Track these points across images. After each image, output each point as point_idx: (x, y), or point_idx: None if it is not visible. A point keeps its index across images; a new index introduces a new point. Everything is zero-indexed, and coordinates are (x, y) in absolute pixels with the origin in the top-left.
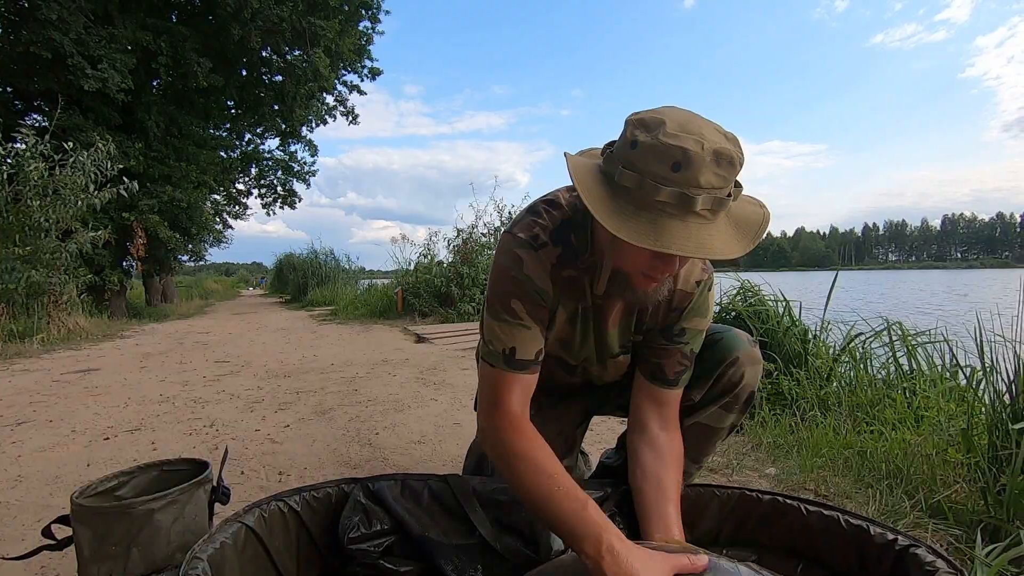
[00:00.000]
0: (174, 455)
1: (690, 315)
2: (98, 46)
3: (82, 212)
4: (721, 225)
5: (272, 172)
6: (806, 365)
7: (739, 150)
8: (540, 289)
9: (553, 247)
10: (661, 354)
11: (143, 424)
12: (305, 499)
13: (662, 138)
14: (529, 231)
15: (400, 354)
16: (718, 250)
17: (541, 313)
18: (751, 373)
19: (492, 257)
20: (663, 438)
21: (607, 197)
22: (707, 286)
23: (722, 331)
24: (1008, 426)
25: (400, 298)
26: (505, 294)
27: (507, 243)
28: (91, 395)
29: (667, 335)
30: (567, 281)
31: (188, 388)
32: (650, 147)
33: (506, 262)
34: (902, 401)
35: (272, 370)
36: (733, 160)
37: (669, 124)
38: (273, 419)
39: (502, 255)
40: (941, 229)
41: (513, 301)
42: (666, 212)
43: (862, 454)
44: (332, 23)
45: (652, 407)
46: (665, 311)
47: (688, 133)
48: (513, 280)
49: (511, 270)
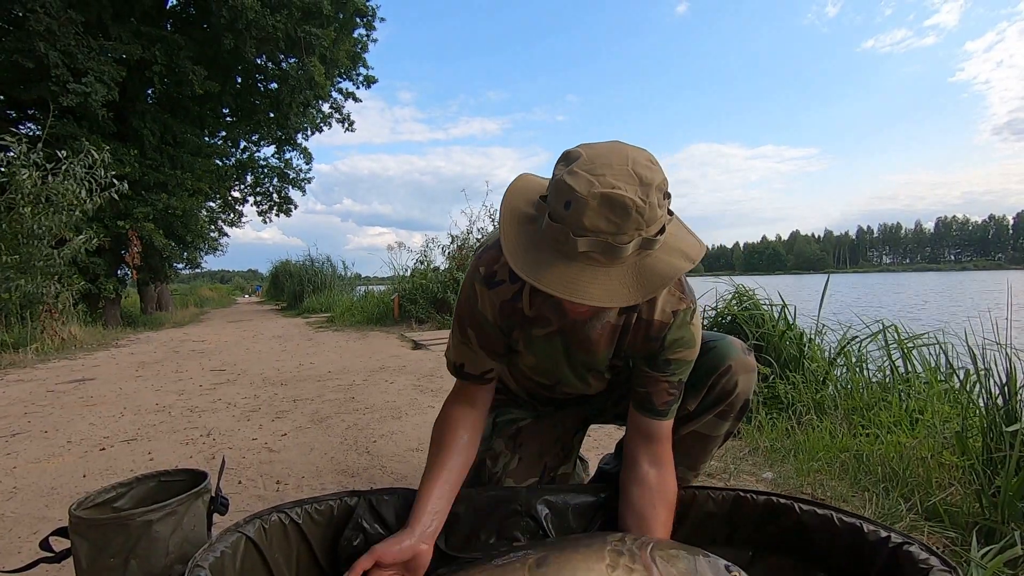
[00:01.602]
0: (171, 465)
1: (674, 346)
2: (87, 58)
3: (76, 219)
4: (616, 272)
5: (268, 179)
6: (802, 369)
7: (643, 195)
8: (490, 324)
9: (510, 283)
10: (648, 383)
11: (139, 434)
12: (307, 511)
13: (564, 176)
14: (489, 267)
15: (397, 361)
16: (592, 296)
17: (492, 343)
18: (745, 381)
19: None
20: (652, 475)
21: (527, 222)
22: (687, 315)
23: (716, 339)
24: (1002, 428)
25: (397, 305)
26: (462, 320)
27: (471, 273)
28: (86, 405)
29: (653, 364)
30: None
31: (184, 397)
32: (556, 182)
33: (468, 291)
34: (897, 404)
35: (268, 378)
36: (627, 207)
37: (582, 160)
38: (270, 428)
39: (466, 283)
40: (934, 231)
41: (468, 328)
42: (557, 249)
43: (858, 457)
44: (327, 31)
45: (642, 443)
46: (643, 339)
47: (589, 172)
48: (470, 311)
49: (469, 301)
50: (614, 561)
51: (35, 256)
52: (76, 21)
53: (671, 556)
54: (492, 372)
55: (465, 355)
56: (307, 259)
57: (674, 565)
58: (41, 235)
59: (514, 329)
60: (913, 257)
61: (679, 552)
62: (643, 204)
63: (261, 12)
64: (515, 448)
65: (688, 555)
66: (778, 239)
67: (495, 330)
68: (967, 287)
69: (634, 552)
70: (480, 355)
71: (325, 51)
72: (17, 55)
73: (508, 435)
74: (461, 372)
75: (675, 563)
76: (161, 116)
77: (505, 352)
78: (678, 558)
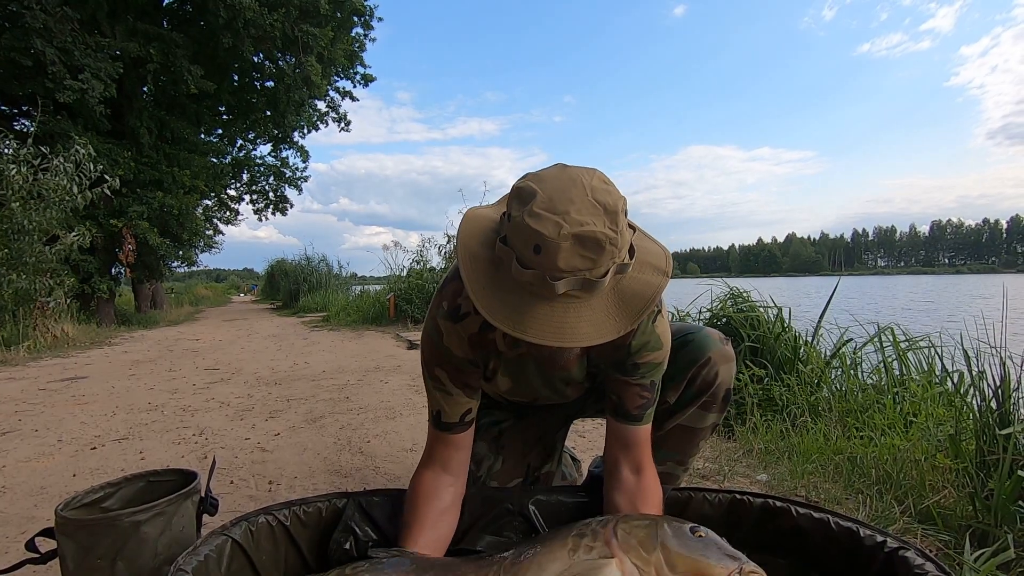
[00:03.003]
0: (162, 465)
1: (641, 351)
2: (83, 54)
3: (66, 215)
4: (598, 303)
5: (264, 178)
6: (796, 371)
7: (612, 225)
8: (459, 359)
9: (476, 315)
10: (620, 389)
11: (131, 433)
12: (295, 513)
13: (526, 218)
14: (452, 301)
15: (392, 361)
16: (583, 336)
17: (465, 377)
18: (725, 371)
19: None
20: (633, 482)
21: (489, 266)
22: (650, 320)
23: (693, 331)
24: (995, 431)
25: (392, 304)
26: (429, 361)
27: (433, 309)
28: (78, 404)
29: (621, 370)
30: (494, 341)
31: (177, 396)
32: (516, 225)
33: (430, 329)
34: (892, 406)
35: (263, 377)
36: (600, 242)
37: (539, 199)
38: (263, 427)
39: (428, 321)
40: (929, 235)
41: (436, 369)
42: (533, 292)
43: (852, 460)
44: (325, 30)
45: (621, 450)
46: (610, 348)
47: (551, 212)
48: (435, 349)
49: (433, 338)
50: (575, 544)
51: (26, 252)
52: (72, 18)
53: (632, 527)
54: (471, 414)
55: (440, 400)
56: (303, 258)
57: (634, 535)
58: (32, 231)
59: (490, 360)
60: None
61: (640, 522)
62: (615, 235)
63: (259, 11)
64: (498, 450)
65: (650, 523)
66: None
67: (466, 364)
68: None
69: (596, 531)
70: (455, 394)
71: (323, 50)
72: (14, 52)
73: (490, 437)
74: (439, 423)
75: (635, 533)
76: (157, 113)
77: (478, 386)
78: (639, 527)
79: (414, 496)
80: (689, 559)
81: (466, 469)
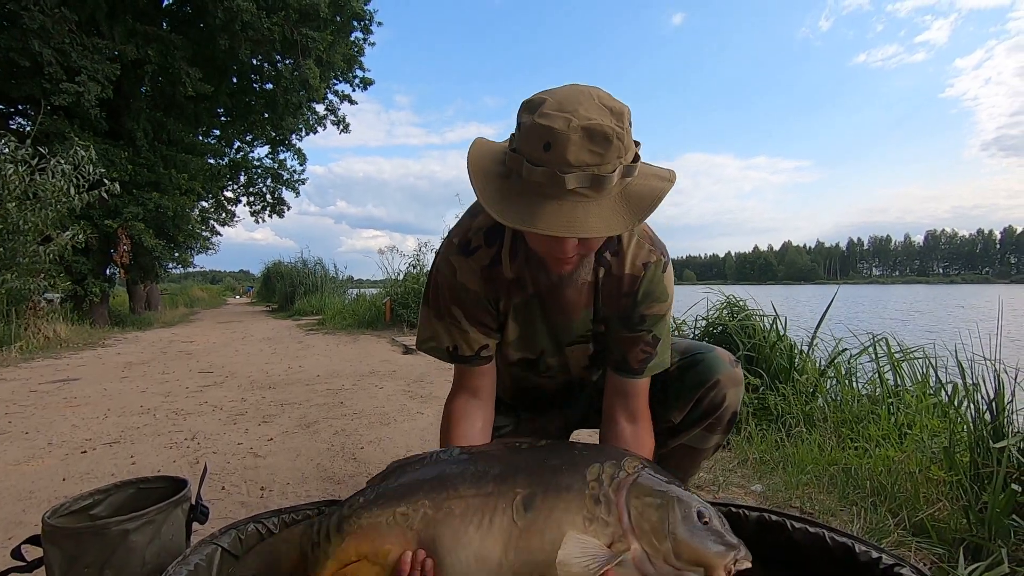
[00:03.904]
0: (153, 469)
1: (646, 300)
2: (80, 56)
3: (62, 216)
4: (606, 202)
5: (261, 180)
6: (792, 381)
7: (618, 123)
8: (474, 293)
9: (486, 248)
10: (624, 343)
11: (122, 436)
12: (284, 521)
13: (536, 119)
14: (463, 236)
15: (387, 366)
16: (592, 228)
17: (480, 316)
18: (733, 395)
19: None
20: (629, 431)
21: (498, 177)
22: (659, 268)
23: (703, 351)
24: (989, 444)
25: (388, 308)
26: (443, 299)
27: (444, 249)
28: (69, 406)
29: (627, 324)
30: (504, 278)
31: (170, 399)
32: (527, 129)
33: (443, 268)
34: (886, 417)
35: (256, 381)
36: (608, 135)
37: (548, 103)
38: (256, 432)
39: (441, 261)
40: (924, 244)
41: (452, 307)
42: (543, 193)
43: (847, 471)
44: (324, 34)
45: (619, 400)
46: (617, 295)
47: (561, 111)
48: (449, 286)
49: (447, 277)
50: (591, 512)
51: (20, 252)
52: (69, 19)
53: (645, 506)
54: (488, 349)
55: (456, 338)
56: (299, 261)
57: (647, 518)
58: (26, 231)
59: (500, 299)
60: (903, 270)
61: (652, 499)
62: (621, 131)
63: (256, 14)
64: None
65: (661, 503)
66: (770, 249)
67: (481, 300)
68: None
69: (609, 498)
70: (471, 332)
71: (321, 53)
72: (12, 52)
73: None
74: (456, 357)
75: (648, 515)
76: (155, 115)
77: (495, 326)
78: (651, 507)
79: (448, 421)
80: (694, 550)
81: (493, 395)
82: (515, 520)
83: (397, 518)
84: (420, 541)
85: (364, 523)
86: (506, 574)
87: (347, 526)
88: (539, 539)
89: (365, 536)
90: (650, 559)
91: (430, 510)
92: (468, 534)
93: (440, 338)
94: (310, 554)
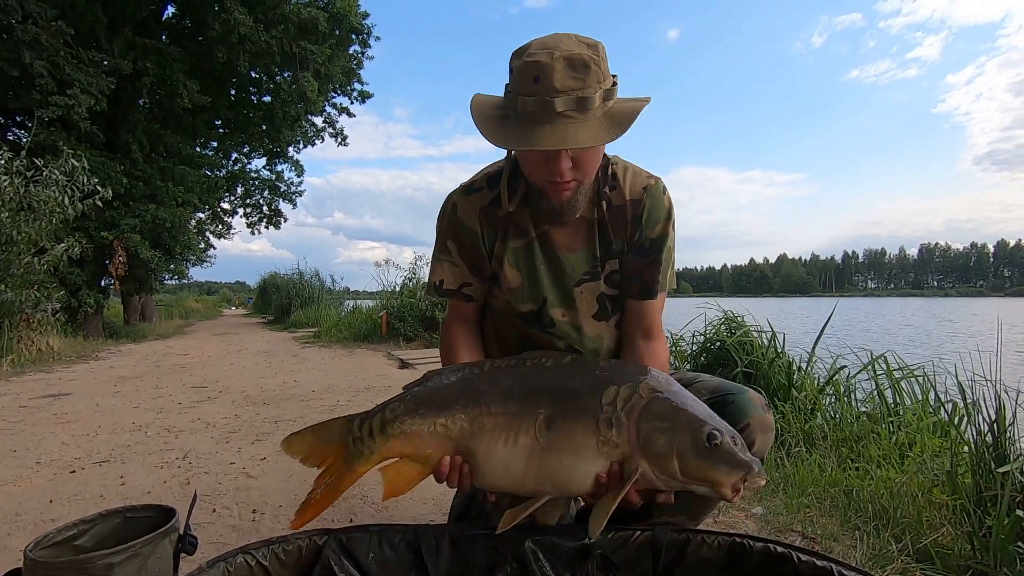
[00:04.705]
0: (143, 491)
1: (650, 223)
2: (74, 69)
3: (56, 228)
4: (592, 121)
5: (258, 192)
6: (791, 398)
7: (594, 53)
8: (471, 230)
9: (488, 190)
10: (641, 269)
11: (112, 455)
12: (274, 552)
13: (525, 59)
14: (468, 181)
15: (383, 380)
16: (581, 140)
17: (473, 256)
18: (762, 441)
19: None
20: (643, 346)
21: (497, 118)
22: (658, 189)
23: (734, 392)
24: (991, 466)
25: (385, 322)
26: (442, 235)
27: (450, 195)
28: (60, 422)
29: (640, 252)
30: (503, 220)
31: (162, 416)
32: (516, 69)
33: (446, 207)
34: (887, 436)
35: (251, 396)
36: (586, 62)
37: (533, 45)
38: (249, 451)
39: (446, 202)
40: (918, 257)
41: (448, 241)
42: (535, 120)
43: (848, 493)
44: (322, 48)
45: (635, 322)
46: (624, 224)
47: (544, 48)
48: (448, 222)
49: (448, 214)
50: (605, 435)
51: (14, 263)
52: (65, 32)
53: (654, 429)
54: (471, 287)
55: (444, 271)
56: (295, 272)
57: (655, 440)
58: (20, 242)
59: (495, 242)
60: (897, 282)
61: (661, 425)
62: (597, 59)
63: (254, 27)
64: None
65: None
66: (765, 262)
67: (476, 237)
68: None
69: (621, 422)
70: (460, 267)
71: (320, 67)
72: (3, 63)
73: None
74: (440, 290)
75: (655, 438)
76: (152, 127)
77: (485, 271)
78: (659, 430)
79: (446, 344)
80: (700, 469)
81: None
82: (538, 438)
83: (437, 428)
84: (457, 448)
85: (407, 429)
86: (529, 483)
87: (391, 429)
88: (557, 456)
89: (409, 440)
90: (656, 476)
91: (466, 424)
92: (497, 448)
93: (433, 274)
94: (350, 447)
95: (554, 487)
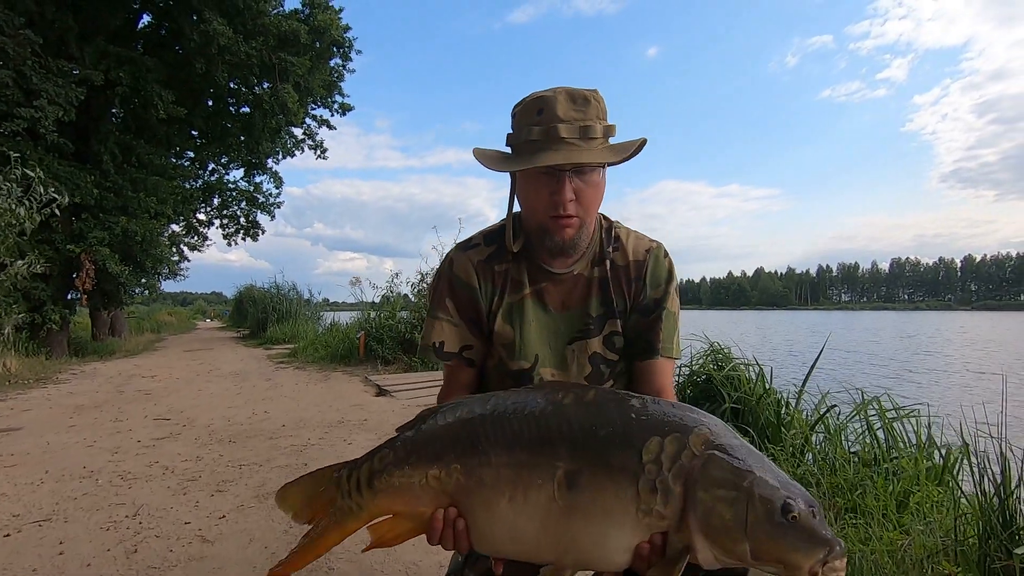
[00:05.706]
0: (83, 562)
1: (653, 282)
2: (42, 79)
3: (15, 241)
4: (595, 149)
5: (235, 203)
6: (781, 438)
7: (594, 94)
8: (468, 285)
9: (485, 246)
10: (645, 329)
11: (56, 512)
12: None
13: (527, 100)
14: (465, 239)
15: (359, 412)
16: (586, 156)
17: (472, 309)
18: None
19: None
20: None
21: (500, 156)
22: (660, 252)
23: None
24: (999, 533)
25: (362, 343)
26: (439, 293)
27: (447, 252)
28: (3, 467)
29: (643, 311)
30: (500, 275)
31: (117, 457)
32: (520, 109)
33: (442, 265)
34: (882, 485)
35: (216, 432)
36: (587, 97)
37: (534, 93)
38: (208, 505)
39: (443, 259)
40: (889, 272)
41: (447, 300)
42: (540, 148)
43: (850, 561)
44: (303, 60)
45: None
46: (625, 282)
47: (545, 89)
48: (446, 280)
49: (445, 271)
50: (647, 503)
51: None
52: (33, 40)
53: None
54: (472, 349)
55: (444, 332)
56: (273, 285)
57: (718, 514)
58: None
59: (493, 297)
60: (870, 296)
61: (726, 495)
62: (598, 97)
63: (234, 38)
64: None
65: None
66: (743, 275)
67: (474, 292)
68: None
69: (669, 488)
70: (461, 328)
71: (299, 79)
72: None
73: None
74: (440, 352)
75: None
76: (124, 138)
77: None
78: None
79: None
80: (776, 550)
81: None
82: (556, 498)
83: (430, 481)
84: (453, 502)
85: (396, 482)
86: (544, 552)
87: (379, 483)
88: (583, 523)
89: (399, 495)
90: (715, 555)
91: (462, 476)
92: (500, 506)
93: (432, 334)
94: (339, 501)
95: (577, 560)
